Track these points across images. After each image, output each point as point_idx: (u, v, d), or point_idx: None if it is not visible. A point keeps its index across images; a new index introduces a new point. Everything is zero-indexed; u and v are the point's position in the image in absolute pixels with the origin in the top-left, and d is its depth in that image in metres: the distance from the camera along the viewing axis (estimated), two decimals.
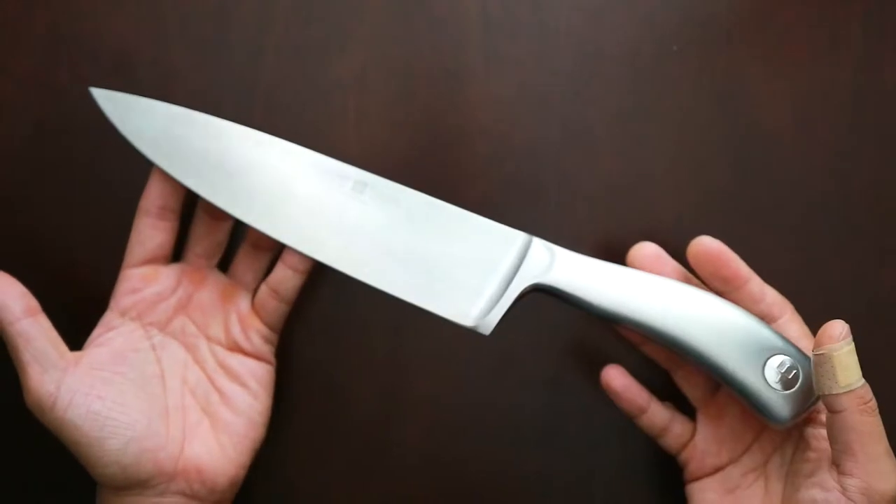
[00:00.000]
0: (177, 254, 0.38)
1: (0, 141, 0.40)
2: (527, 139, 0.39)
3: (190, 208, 0.38)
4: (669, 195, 0.39)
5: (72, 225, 0.40)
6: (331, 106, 0.39)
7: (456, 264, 0.34)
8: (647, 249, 0.36)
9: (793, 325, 0.35)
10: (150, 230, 0.36)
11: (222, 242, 0.38)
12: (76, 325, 0.36)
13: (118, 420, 0.34)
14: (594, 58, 0.39)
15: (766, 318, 0.34)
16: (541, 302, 0.35)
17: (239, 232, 0.39)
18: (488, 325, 0.34)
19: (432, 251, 0.34)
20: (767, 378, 0.32)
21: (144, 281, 0.36)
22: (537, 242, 0.34)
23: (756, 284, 0.35)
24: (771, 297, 0.35)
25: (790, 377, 0.32)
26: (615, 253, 0.39)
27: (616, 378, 0.37)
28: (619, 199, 0.39)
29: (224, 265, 0.39)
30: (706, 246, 0.35)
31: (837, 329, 0.31)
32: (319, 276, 0.38)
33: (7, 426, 0.40)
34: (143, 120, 0.35)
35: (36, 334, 0.33)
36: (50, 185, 0.40)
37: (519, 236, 0.34)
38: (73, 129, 0.39)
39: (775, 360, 0.33)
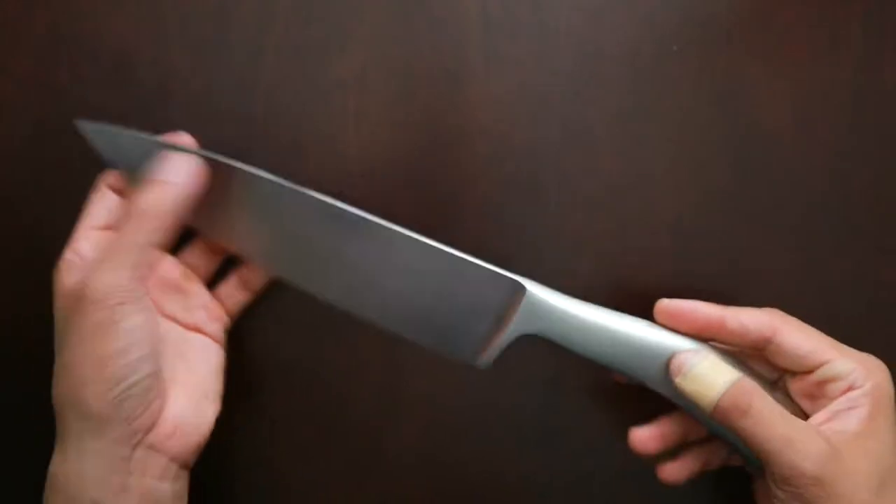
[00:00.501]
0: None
1: (0, 141, 0.40)
2: (527, 139, 0.39)
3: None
4: (669, 195, 0.39)
5: (72, 225, 0.40)
6: (331, 106, 0.39)
7: (451, 307, 0.35)
8: (666, 309, 0.35)
9: (790, 335, 0.34)
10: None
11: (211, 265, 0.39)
12: None
13: (147, 348, 0.33)
14: (594, 58, 0.39)
15: (762, 345, 0.34)
16: None
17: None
18: (483, 365, 0.36)
19: (426, 293, 0.35)
20: None
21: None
22: (532, 291, 0.35)
23: (731, 321, 0.34)
24: (754, 324, 0.34)
25: None
26: (615, 253, 0.39)
27: (644, 442, 0.37)
28: (619, 199, 0.39)
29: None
30: (664, 309, 0.35)
31: (674, 367, 0.34)
32: None
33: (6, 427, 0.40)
34: (133, 152, 0.35)
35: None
36: (50, 185, 0.40)
37: (512, 283, 0.35)
38: (73, 129, 0.39)
39: None
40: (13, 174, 0.40)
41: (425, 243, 0.35)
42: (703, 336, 0.35)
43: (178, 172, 0.34)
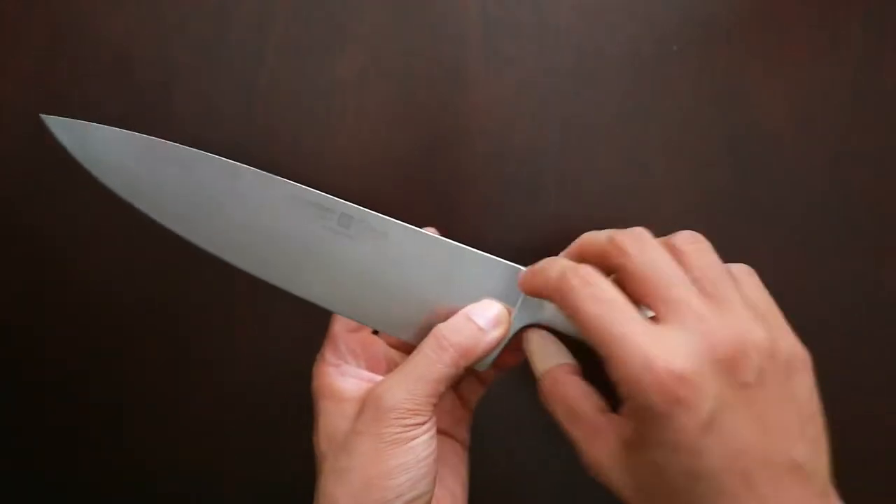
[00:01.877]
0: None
1: (0, 141, 0.40)
2: (527, 139, 0.39)
3: None
4: (669, 195, 0.39)
5: (72, 225, 0.40)
6: (331, 106, 0.39)
7: (449, 301, 0.33)
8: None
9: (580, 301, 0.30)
10: None
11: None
12: (76, 325, 0.36)
13: (430, 467, 0.33)
14: (594, 58, 0.39)
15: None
16: None
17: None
18: (486, 363, 0.34)
19: (425, 288, 0.33)
20: None
21: None
22: None
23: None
24: (568, 274, 0.30)
25: None
26: None
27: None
28: (619, 199, 0.39)
29: None
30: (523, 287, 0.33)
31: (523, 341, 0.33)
32: None
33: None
34: (104, 150, 0.33)
35: None
36: (50, 185, 0.40)
37: (515, 272, 0.33)
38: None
39: None
40: (13, 174, 0.40)
41: (421, 233, 0.33)
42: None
43: (494, 324, 0.33)
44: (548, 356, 0.33)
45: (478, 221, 0.39)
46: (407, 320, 0.33)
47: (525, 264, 0.32)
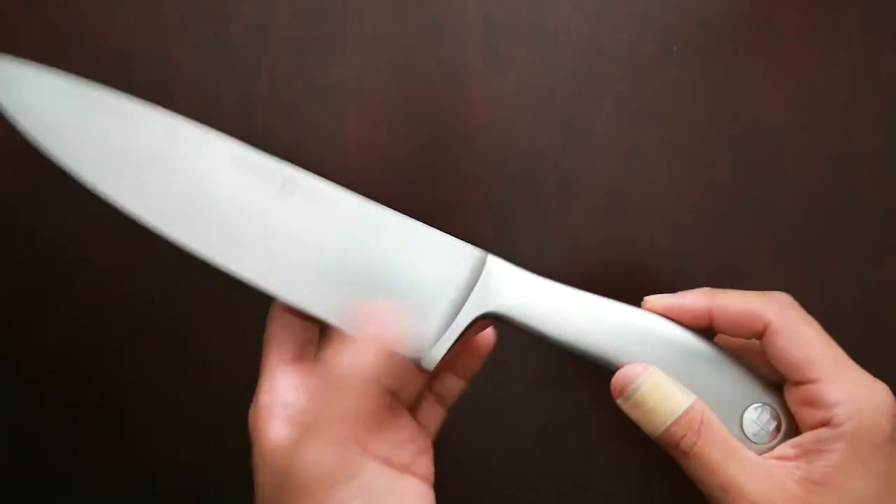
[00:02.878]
0: None
1: (0, 141, 0.40)
2: (527, 139, 0.39)
3: None
4: (669, 195, 0.39)
5: (72, 225, 0.40)
6: (331, 106, 0.39)
7: (398, 284, 0.29)
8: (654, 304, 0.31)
9: (783, 337, 0.29)
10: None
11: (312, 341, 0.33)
12: (76, 325, 0.36)
13: None
14: (594, 58, 0.39)
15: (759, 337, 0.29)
16: None
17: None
18: (432, 359, 0.29)
19: (371, 267, 0.29)
20: (746, 432, 0.29)
21: None
22: (493, 262, 0.30)
23: (720, 314, 0.29)
24: (744, 318, 0.29)
25: (771, 428, 0.29)
26: (615, 252, 0.39)
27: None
28: (619, 199, 0.39)
29: None
30: (651, 308, 0.30)
31: (617, 386, 0.29)
32: None
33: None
34: (30, 92, 0.30)
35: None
36: (50, 185, 0.40)
37: (472, 253, 0.30)
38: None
39: (753, 412, 0.29)
40: (13, 174, 0.40)
41: (373, 205, 0.30)
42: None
43: (375, 322, 0.29)
44: (670, 397, 0.28)
45: (478, 221, 0.39)
46: (353, 306, 0.29)
47: (525, 263, 0.32)
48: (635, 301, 0.36)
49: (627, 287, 0.39)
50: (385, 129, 0.39)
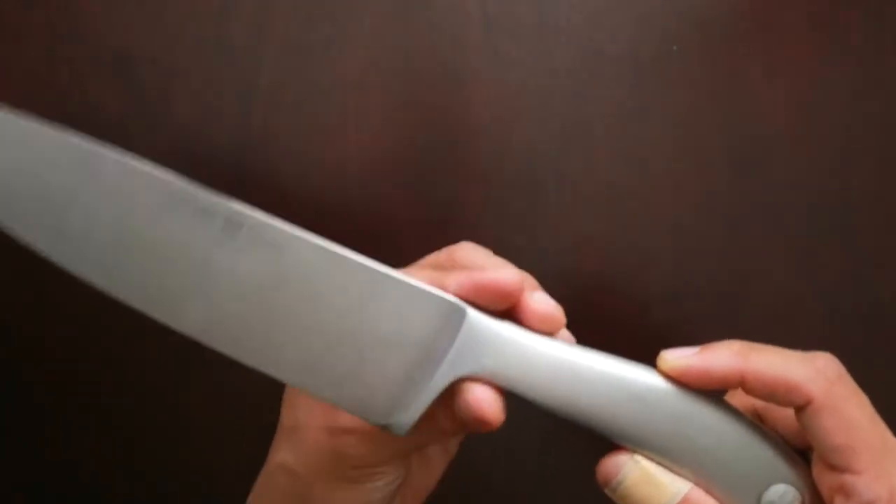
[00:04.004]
0: None
1: None
2: (527, 139, 0.39)
3: None
4: (669, 195, 0.39)
5: None
6: (331, 106, 0.39)
7: (361, 341, 0.25)
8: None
9: (824, 416, 0.25)
10: None
11: None
12: (76, 325, 0.36)
13: None
14: (594, 58, 0.39)
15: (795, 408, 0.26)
16: None
17: None
18: (404, 425, 0.26)
19: (329, 322, 0.25)
20: None
21: None
22: (473, 316, 0.26)
23: (752, 381, 0.25)
24: (780, 387, 0.25)
25: None
26: (615, 253, 0.39)
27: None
28: (619, 199, 0.39)
29: None
30: (670, 367, 0.26)
31: (601, 477, 0.26)
32: None
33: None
34: None
35: None
36: None
37: (449, 307, 0.26)
38: (73, 129, 0.39)
39: (774, 493, 0.26)
40: None
41: (328, 248, 0.25)
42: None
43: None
44: (660, 487, 0.25)
45: (478, 221, 0.39)
46: (308, 365, 0.26)
47: (525, 263, 0.32)
48: (638, 303, 0.36)
49: (627, 288, 0.39)
50: (385, 128, 0.39)
